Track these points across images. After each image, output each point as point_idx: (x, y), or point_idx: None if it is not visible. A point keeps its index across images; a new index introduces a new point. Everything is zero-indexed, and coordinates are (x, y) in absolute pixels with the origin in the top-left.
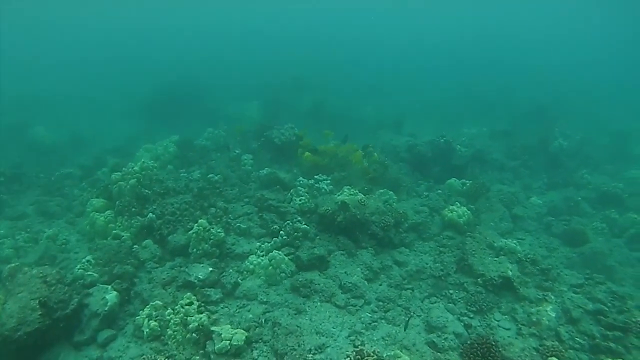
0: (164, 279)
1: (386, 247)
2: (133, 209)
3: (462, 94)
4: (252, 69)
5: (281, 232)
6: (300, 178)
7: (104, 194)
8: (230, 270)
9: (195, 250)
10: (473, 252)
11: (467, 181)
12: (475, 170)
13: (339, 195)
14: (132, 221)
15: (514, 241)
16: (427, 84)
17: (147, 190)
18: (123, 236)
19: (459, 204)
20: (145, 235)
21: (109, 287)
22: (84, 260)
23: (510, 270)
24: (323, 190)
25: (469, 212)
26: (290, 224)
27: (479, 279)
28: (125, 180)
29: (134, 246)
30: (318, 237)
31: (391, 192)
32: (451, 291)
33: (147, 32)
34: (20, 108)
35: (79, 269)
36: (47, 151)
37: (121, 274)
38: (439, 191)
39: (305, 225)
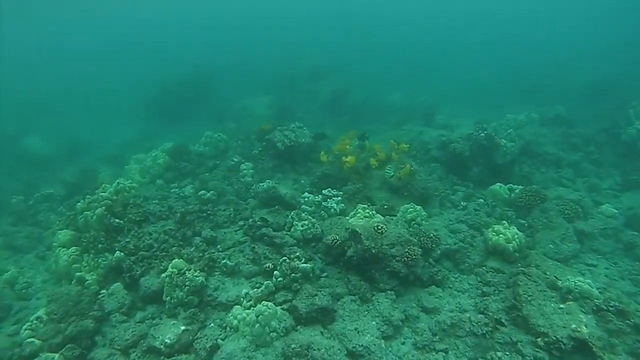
0: (127, 340)
1: (411, 286)
2: (100, 245)
3: (505, 72)
4: (267, 60)
5: (275, 271)
6: (306, 194)
7: (73, 224)
8: (212, 325)
9: (169, 298)
10: (529, 298)
11: (516, 186)
12: (525, 168)
13: (351, 218)
14: (100, 260)
15: (586, 279)
16: (464, 63)
17: (118, 220)
18: (87, 280)
19: (506, 223)
20: (115, 277)
21: (56, 356)
22: (32, 317)
23: (586, 326)
24: (332, 210)
25: (520, 234)
26: (287, 261)
27: (539, 339)
28: (91, 209)
29: (101, 292)
30: (325, 275)
31: (419, 206)
32: (500, 354)
33: (157, 21)
34: (16, 111)
35: (25, 329)
36: (40, 164)
37: (77, 334)
38: (480, 200)
39: (305, 264)
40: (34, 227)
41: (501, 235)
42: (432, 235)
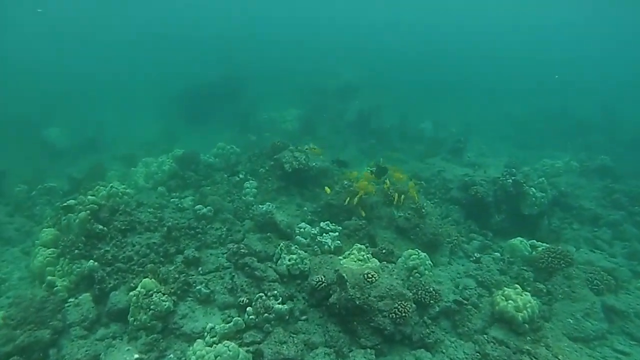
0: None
1: (398, 345)
2: (77, 251)
3: (549, 108)
4: (302, 71)
5: (249, 308)
6: (303, 224)
7: (59, 224)
8: (171, 356)
9: (132, 320)
10: None
11: (539, 243)
12: (555, 222)
13: (344, 258)
14: (74, 266)
15: None
16: (506, 91)
17: (101, 227)
18: (57, 286)
19: (519, 288)
20: (87, 287)
21: None
22: None
23: None
24: (326, 246)
25: (533, 302)
26: (263, 298)
27: None
28: (76, 212)
29: (69, 300)
30: (304, 318)
31: (424, 253)
32: None
33: (197, 19)
34: (44, 98)
35: None
36: (56, 155)
37: (29, 345)
38: (497, 254)
39: (281, 305)
40: (27, 220)
41: (511, 302)
42: (432, 289)
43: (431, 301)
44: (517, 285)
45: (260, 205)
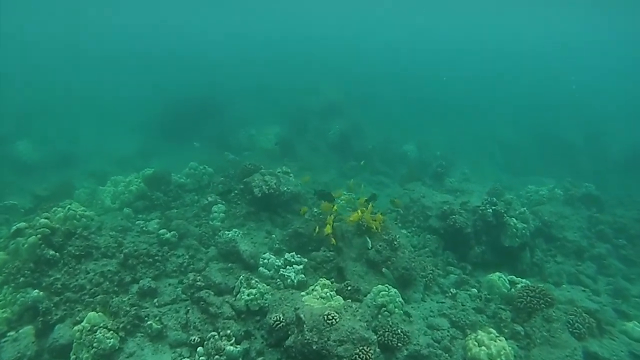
0: None
1: None
2: (22, 279)
3: (536, 131)
4: (284, 90)
5: (200, 348)
6: (267, 254)
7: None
8: None
9: (74, 358)
10: None
11: (519, 280)
12: (538, 254)
13: (306, 294)
14: (18, 296)
15: None
16: (497, 117)
17: (53, 252)
18: None
19: (494, 332)
20: (31, 319)
21: None
22: None
23: None
24: (289, 280)
25: (508, 349)
26: (216, 338)
27: None
28: (25, 236)
29: (8, 334)
30: (260, 359)
31: (394, 289)
32: None
33: (183, 35)
34: (18, 113)
35: None
36: (25, 170)
37: None
38: (474, 290)
39: (233, 347)
40: None
41: (483, 348)
42: (400, 331)
43: (399, 344)
44: (491, 330)
45: (226, 232)
